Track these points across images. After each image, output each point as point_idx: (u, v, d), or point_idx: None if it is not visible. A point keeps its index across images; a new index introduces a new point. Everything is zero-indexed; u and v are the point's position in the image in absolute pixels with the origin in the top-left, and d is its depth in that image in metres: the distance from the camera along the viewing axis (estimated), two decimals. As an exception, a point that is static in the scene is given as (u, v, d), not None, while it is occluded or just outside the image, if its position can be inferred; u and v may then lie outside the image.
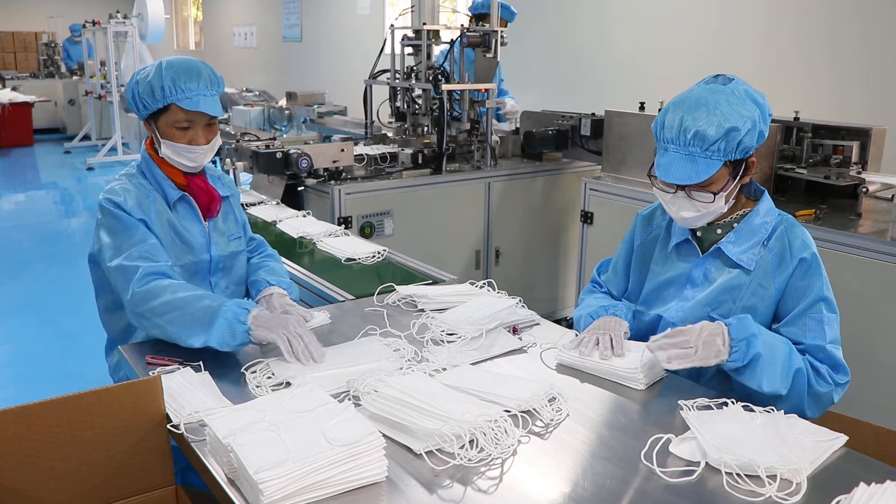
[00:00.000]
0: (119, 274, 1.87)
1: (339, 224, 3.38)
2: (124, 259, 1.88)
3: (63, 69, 13.20)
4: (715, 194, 1.67)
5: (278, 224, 3.09)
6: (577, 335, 1.87)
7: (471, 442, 1.36)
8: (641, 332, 1.87)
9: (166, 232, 2.02)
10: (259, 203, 3.43)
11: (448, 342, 1.85)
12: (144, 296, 1.82)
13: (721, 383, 1.75)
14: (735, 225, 1.78)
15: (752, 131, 1.63)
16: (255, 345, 1.82)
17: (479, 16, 4.75)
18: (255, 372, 1.67)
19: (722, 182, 1.68)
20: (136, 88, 1.97)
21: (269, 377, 1.65)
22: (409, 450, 1.37)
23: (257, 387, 1.61)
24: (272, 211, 3.30)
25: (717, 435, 1.38)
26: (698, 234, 1.82)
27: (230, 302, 1.78)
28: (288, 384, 1.62)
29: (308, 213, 3.24)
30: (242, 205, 3.12)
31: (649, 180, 1.76)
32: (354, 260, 2.60)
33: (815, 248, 1.73)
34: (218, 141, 2.06)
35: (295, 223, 3.08)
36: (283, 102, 6.77)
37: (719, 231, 1.79)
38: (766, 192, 1.81)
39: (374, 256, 2.61)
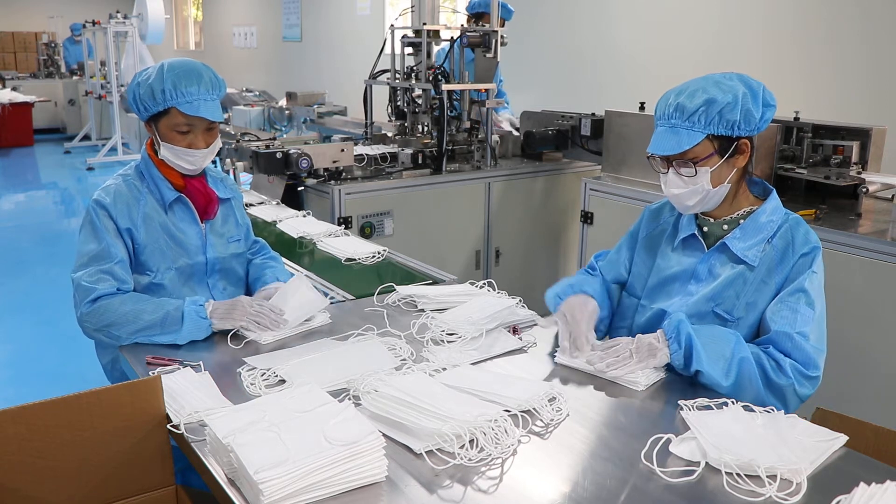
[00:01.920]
0: (75, 289, 1.92)
1: (339, 224, 3.37)
2: (84, 276, 1.91)
3: (63, 69, 13.20)
4: (695, 165, 1.70)
5: (278, 224, 3.09)
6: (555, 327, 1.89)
7: (471, 442, 1.36)
8: (645, 327, 1.88)
9: (158, 235, 2.03)
10: (260, 203, 3.43)
11: (448, 342, 1.85)
12: (94, 314, 1.87)
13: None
14: (741, 221, 1.79)
15: (733, 105, 1.66)
16: (250, 344, 1.84)
17: (476, 15, 4.75)
18: (251, 370, 1.68)
19: (704, 155, 1.70)
20: (137, 90, 1.97)
21: (263, 376, 1.65)
22: (409, 450, 1.37)
23: (251, 384, 1.62)
24: (272, 211, 3.30)
25: (717, 435, 1.38)
26: (705, 229, 1.84)
27: (187, 301, 1.87)
28: (283, 381, 1.63)
29: (308, 214, 3.23)
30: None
31: (650, 164, 1.81)
32: (354, 260, 2.59)
33: (819, 246, 1.73)
34: (218, 144, 2.07)
35: (295, 223, 3.07)
36: (283, 102, 6.77)
37: (725, 227, 1.81)
38: (775, 191, 1.83)
39: (374, 256, 2.61)
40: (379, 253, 2.63)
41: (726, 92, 1.67)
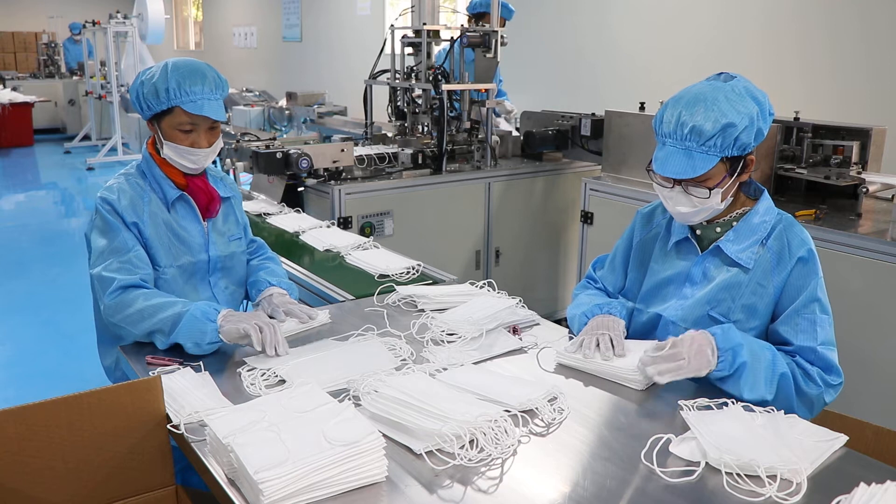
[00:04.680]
0: (97, 282, 1.92)
1: (339, 224, 3.37)
2: (104, 269, 1.91)
3: (63, 69, 13.20)
4: (710, 190, 1.68)
5: (301, 235, 2.90)
6: (570, 337, 1.87)
7: (471, 442, 1.36)
8: (640, 331, 1.88)
9: (162, 233, 2.03)
10: (279, 213, 3.26)
11: (448, 342, 1.85)
12: (116, 307, 1.86)
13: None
14: (734, 224, 1.78)
15: (749, 128, 1.63)
16: (250, 345, 1.84)
17: (477, 15, 4.75)
18: (251, 370, 1.67)
19: (718, 178, 1.68)
20: (140, 89, 1.97)
21: (263, 376, 1.65)
22: (409, 450, 1.37)
23: (251, 384, 1.62)
24: (293, 220, 3.10)
25: (717, 435, 1.38)
26: (698, 232, 1.83)
27: (199, 303, 1.82)
28: (283, 381, 1.63)
29: (332, 224, 3.09)
30: (260, 214, 3.11)
31: (648, 175, 1.77)
32: (388, 276, 2.39)
33: (814, 247, 1.73)
34: (220, 143, 2.07)
35: (319, 234, 2.87)
36: (283, 102, 6.78)
37: (718, 229, 1.79)
38: (766, 191, 1.81)
39: (408, 273, 2.41)
40: (413, 269, 2.43)
41: (742, 114, 1.62)
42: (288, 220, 3.12)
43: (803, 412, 1.63)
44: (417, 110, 4.14)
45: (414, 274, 2.42)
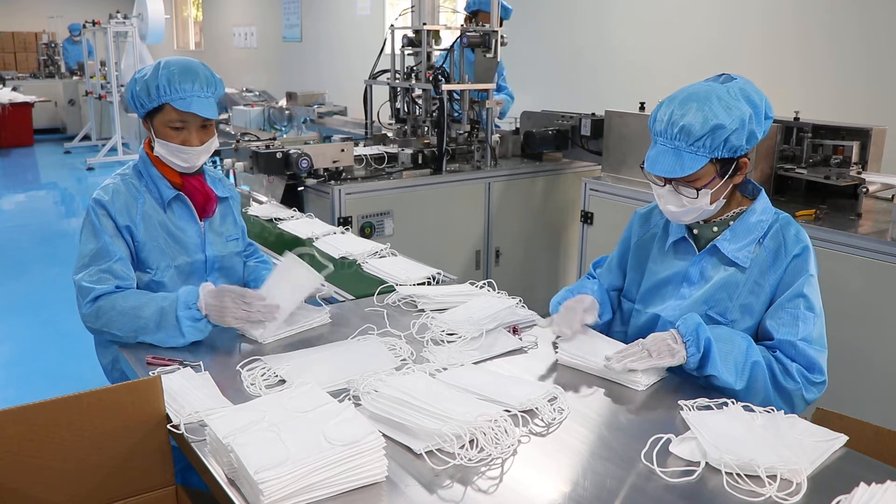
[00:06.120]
0: (77, 290, 1.93)
1: (339, 224, 3.37)
2: (84, 276, 1.91)
3: (63, 69, 13.20)
4: (699, 190, 1.68)
5: (315, 241, 2.79)
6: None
7: (471, 442, 1.36)
8: (640, 331, 1.88)
9: (157, 234, 2.04)
10: (291, 218, 3.14)
11: (448, 342, 1.85)
12: (96, 313, 1.87)
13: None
14: (731, 223, 1.78)
15: (740, 131, 1.63)
16: (250, 344, 1.83)
17: (473, 14, 4.75)
18: (251, 370, 1.67)
19: (707, 179, 1.68)
20: (134, 87, 1.99)
21: (263, 375, 1.65)
22: (409, 450, 1.37)
23: (251, 384, 1.62)
24: (306, 226, 3.00)
25: (717, 435, 1.38)
26: (695, 231, 1.83)
27: (180, 302, 1.82)
28: (283, 381, 1.63)
29: (347, 231, 3.00)
30: (271, 219, 3.10)
31: (642, 172, 1.77)
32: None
33: (810, 245, 1.73)
34: (214, 143, 2.07)
35: (333, 240, 2.78)
36: (283, 102, 6.77)
37: (715, 229, 1.80)
38: (764, 190, 1.81)
39: (427, 282, 2.33)
40: (432, 278, 2.35)
41: (733, 116, 1.62)
42: (300, 226, 3.01)
43: (782, 406, 1.61)
44: (418, 111, 4.13)
45: (432, 283, 2.33)
